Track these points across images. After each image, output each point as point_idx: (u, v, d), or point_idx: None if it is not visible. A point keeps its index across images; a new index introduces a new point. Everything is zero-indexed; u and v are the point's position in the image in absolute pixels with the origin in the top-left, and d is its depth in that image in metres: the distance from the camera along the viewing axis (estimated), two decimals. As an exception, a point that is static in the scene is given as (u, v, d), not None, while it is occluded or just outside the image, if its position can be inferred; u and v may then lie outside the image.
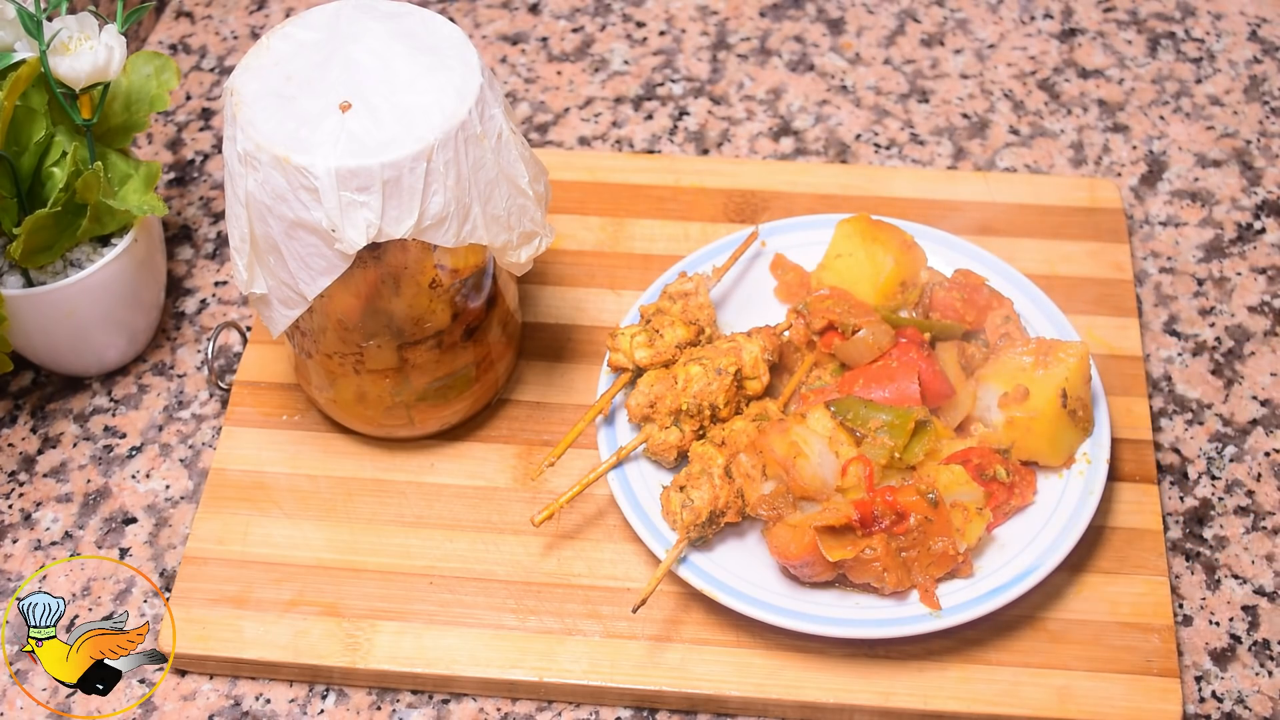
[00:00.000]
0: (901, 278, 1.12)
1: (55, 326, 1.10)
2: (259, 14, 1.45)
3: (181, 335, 1.20)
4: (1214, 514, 1.08)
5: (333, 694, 1.01)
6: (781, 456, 1.00)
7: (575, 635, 1.01)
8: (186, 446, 1.13)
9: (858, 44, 1.41)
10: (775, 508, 1.00)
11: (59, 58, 1.03)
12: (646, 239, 1.22)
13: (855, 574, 0.98)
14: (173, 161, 1.33)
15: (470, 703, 1.01)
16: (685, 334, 1.08)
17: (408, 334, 1.02)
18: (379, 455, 1.11)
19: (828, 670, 0.99)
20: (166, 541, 1.09)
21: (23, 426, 1.15)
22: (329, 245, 0.93)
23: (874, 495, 0.98)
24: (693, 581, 1.00)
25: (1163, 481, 1.10)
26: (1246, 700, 1.00)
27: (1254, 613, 1.04)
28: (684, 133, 1.33)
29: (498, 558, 1.05)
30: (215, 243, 1.26)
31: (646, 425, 1.05)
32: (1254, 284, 1.21)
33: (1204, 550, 1.07)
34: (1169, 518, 1.08)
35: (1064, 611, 1.02)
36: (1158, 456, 1.11)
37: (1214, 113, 1.34)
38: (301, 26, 0.98)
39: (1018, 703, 0.98)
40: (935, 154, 1.31)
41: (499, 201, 0.96)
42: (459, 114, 0.93)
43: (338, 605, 1.03)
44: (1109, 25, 1.42)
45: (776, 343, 1.08)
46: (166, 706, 1.01)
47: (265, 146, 0.91)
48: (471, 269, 1.02)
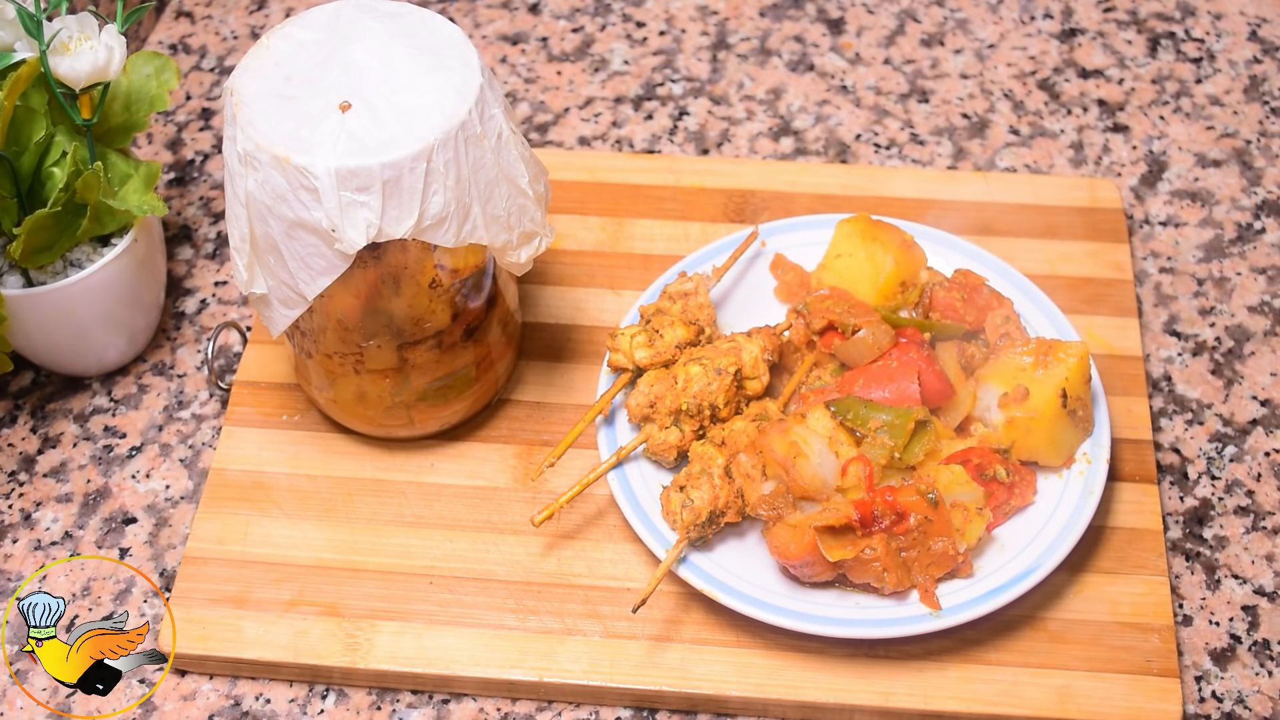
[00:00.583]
0: (901, 278, 1.12)
1: (55, 326, 1.10)
2: (259, 14, 1.45)
3: (181, 335, 1.20)
4: (1214, 514, 1.08)
5: (333, 694, 1.01)
6: (781, 456, 1.00)
7: (575, 635, 1.01)
8: (186, 446, 1.13)
9: (858, 44, 1.41)
10: (775, 508, 1.00)
11: (59, 58, 1.03)
12: (646, 239, 1.22)
13: (855, 574, 0.98)
14: (173, 161, 1.33)
15: (470, 703, 1.01)
16: (685, 334, 1.08)
17: (408, 334, 1.02)
18: (379, 455, 1.11)
19: (828, 670, 0.99)
20: (166, 541, 1.08)
21: (23, 426, 1.15)
22: (329, 245, 0.93)
23: (874, 495, 0.98)
24: (693, 581, 1.00)
25: (1163, 481, 1.10)
26: (1246, 700, 1.00)
27: (1254, 613, 1.04)
28: (684, 133, 1.33)
29: (498, 558, 1.05)
30: (215, 243, 1.26)
31: (646, 425, 1.05)
32: (1254, 284, 1.21)
33: (1204, 550, 1.07)
34: (1169, 518, 1.08)
35: (1064, 611, 1.02)
36: (1158, 456, 1.11)
37: (1214, 113, 1.34)
38: (301, 26, 0.98)
39: (1018, 703, 0.98)
40: (935, 154, 1.31)
41: (499, 201, 0.96)
42: (459, 114, 0.93)
43: (338, 605, 1.03)
44: (1109, 25, 1.42)
45: (776, 343, 1.08)
46: (166, 706, 1.01)
47: (265, 146, 0.91)
48: (471, 269, 1.02)
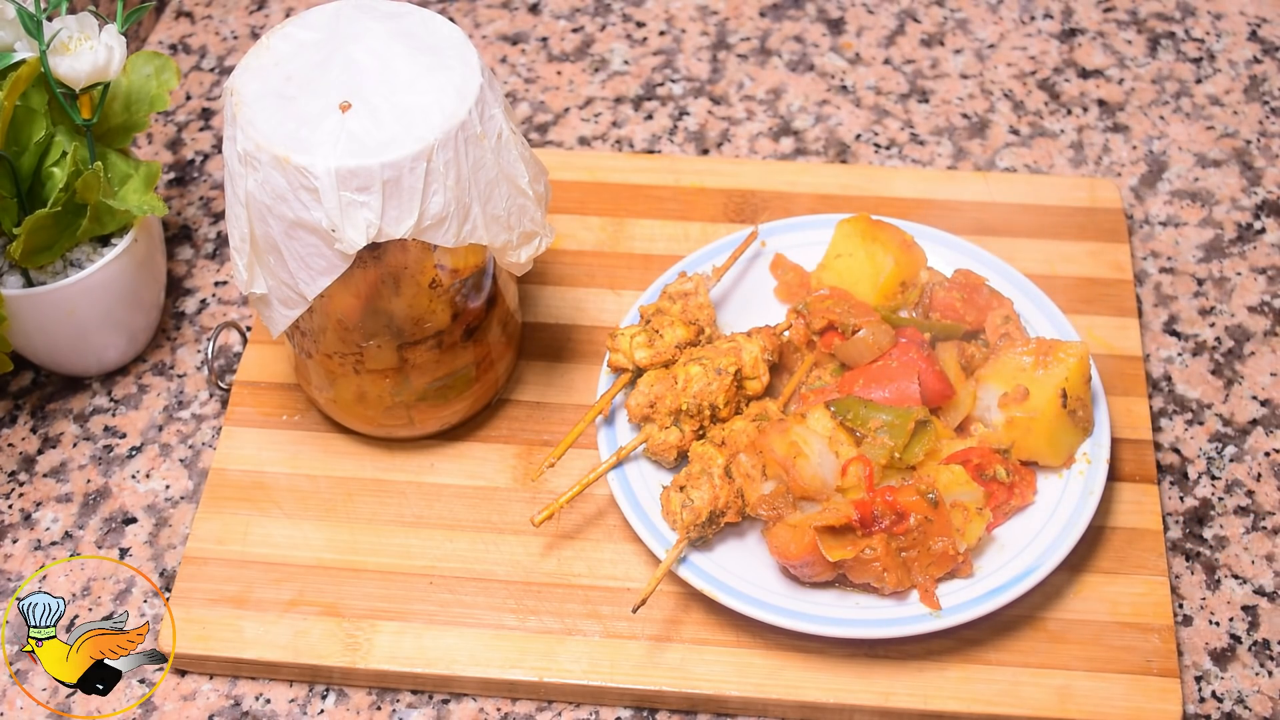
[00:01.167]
0: (901, 278, 1.12)
1: (55, 326, 1.10)
2: (259, 14, 1.45)
3: (181, 335, 1.20)
4: (1214, 514, 1.08)
5: (333, 694, 1.01)
6: (781, 456, 1.00)
7: (575, 635, 1.01)
8: (186, 446, 1.13)
9: (858, 44, 1.41)
10: (775, 508, 1.00)
11: (59, 58, 1.03)
12: (646, 239, 1.22)
13: (855, 574, 0.98)
14: (173, 161, 1.33)
15: (470, 703, 1.01)
16: (685, 334, 1.08)
17: (408, 334, 1.02)
18: (379, 455, 1.11)
19: (828, 670, 0.99)
20: (166, 541, 1.08)
21: (23, 426, 1.15)
22: (329, 245, 0.93)
23: (874, 495, 0.98)
24: (693, 581, 1.00)
25: (1163, 481, 1.10)
26: (1246, 700, 1.00)
27: (1254, 613, 1.04)
28: (684, 133, 1.33)
29: (498, 558, 1.05)
30: (215, 243, 1.26)
31: (646, 425, 1.05)
32: (1254, 284, 1.21)
33: (1204, 550, 1.07)
34: (1169, 518, 1.08)
35: (1064, 611, 1.02)
36: (1158, 456, 1.11)
37: (1214, 113, 1.34)
38: (301, 26, 0.98)
39: (1018, 703, 0.98)
40: (935, 154, 1.31)
41: (499, 201, 0.96)
42: (459, 114, 0.93)
43: (338, 605, 1.03)
44: (1109, 25, 1.42)
45: (776, 343, 1.08)
46: (166, 706, 1.01)
47: (265, 146, 0.91)
48: (471, 269, 1.02)
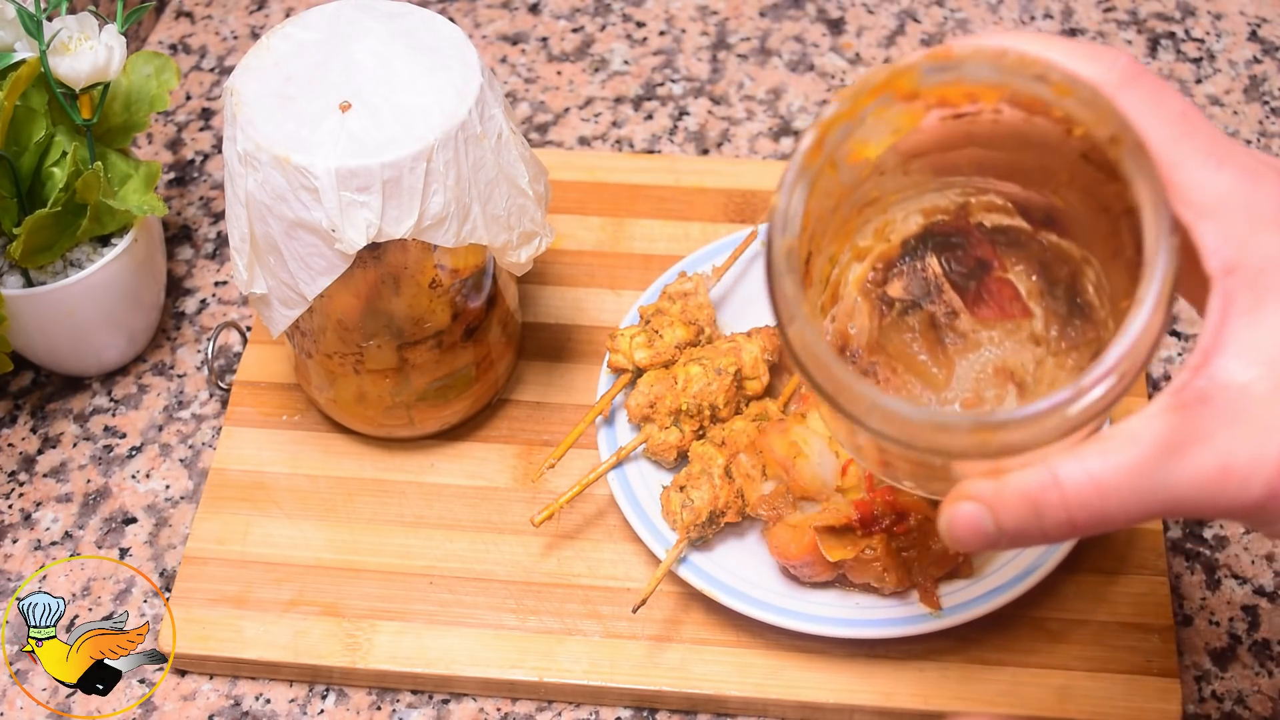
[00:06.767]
0: (901, 278, 1.12)
1: (55, 326, 1.10)
2: (259, 14, 1.45)
3: (181, 335, 1.20)
4: (1214, 514, 1.08)
5: (333, 694, 1.01)
6: (781, 456, 1.00)
7: (575, 635, 1.01)
8: (186, 446, 1.13)
9: (858, 44, 1.41)
10: (775, 508, 1.00)
11: (59, 58, 1.03)
12: (646, 239, 1.22)
13: (855, 574, 0.98)
14: (173, 161, 1.33)
15: (470, 703, 1.01)
16: (685, 334, 1.08)
17: (408, 334, 1.02)
18: (379, 455, 1.11)
19: (828, 670, 0.99)
20: (166, 541, 1.08)
21: (23, 426, 1.15)
22: (329, 245, 0.93)
23: (874, 495, 0.98)
24: (693, 581, 1.00)
25: (1163, 481, 1.10)
26: (1246, 700, 1.00)
27: (1254, 613, 1.04)
28: (684, 133, 1.33)
29: (498, 558, 1.05)
30: (215, 243, 1.26)
31: (646, 425, 1.05)
32: (1254, 284, 1.21)
33: (1204, 550, 1.07)
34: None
35: (1064, 611, 1.02)
36: (1158, 456, 1.11)
37: (1214, 113, 1.34)
38: (301, 26, 0.98)
39: (1018, 703, 0.98)
40: (935, 154, 1.31)
41: (499, 201, 0.96)
42: (459, 114, 0.93)
43: (338, 605, 1.03)
44: (1109, 25, 1.42)
45: (776, 343, 1.08)
46: (166, 706, 1.01)
47: (265, 146, 0.91)
48: (471, 269, 1.02)
